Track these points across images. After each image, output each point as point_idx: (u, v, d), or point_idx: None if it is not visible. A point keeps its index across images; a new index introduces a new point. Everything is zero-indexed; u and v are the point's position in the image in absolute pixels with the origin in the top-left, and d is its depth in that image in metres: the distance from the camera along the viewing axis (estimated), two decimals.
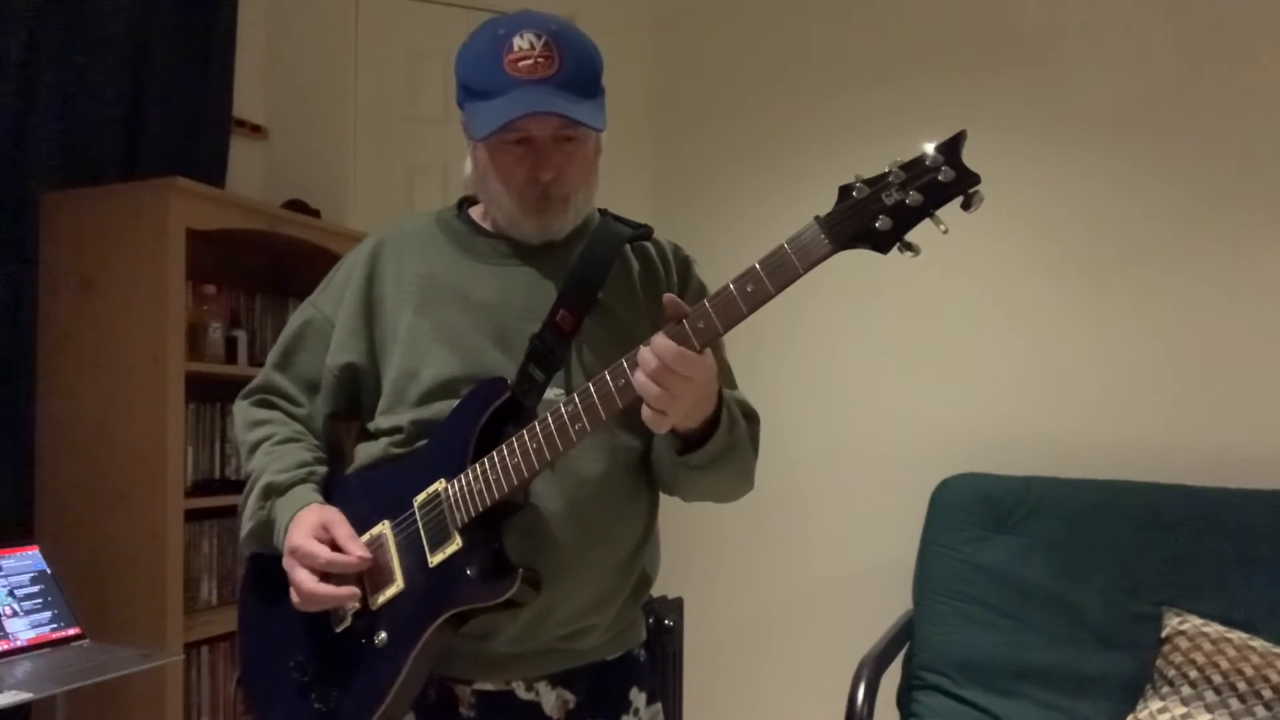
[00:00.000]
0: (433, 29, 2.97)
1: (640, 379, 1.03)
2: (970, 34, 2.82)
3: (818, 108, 3.00)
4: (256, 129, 2.95)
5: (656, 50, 3.27)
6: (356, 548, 1.15)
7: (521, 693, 1.21)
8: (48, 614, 2.00)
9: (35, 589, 2.01)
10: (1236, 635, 2.12)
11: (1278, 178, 2.48)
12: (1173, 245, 2.57)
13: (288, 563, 1.16)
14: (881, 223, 0.96)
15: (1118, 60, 2.65)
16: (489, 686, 1.21)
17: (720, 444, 1.15)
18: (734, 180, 3.11)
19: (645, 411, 1.04)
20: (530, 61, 1.15)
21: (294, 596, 1.15)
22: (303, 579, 1.13)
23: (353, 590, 1.14)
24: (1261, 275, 2.49)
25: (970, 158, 0.96)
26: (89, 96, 2.41)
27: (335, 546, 1.15)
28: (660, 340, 1.02)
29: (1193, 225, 2.56)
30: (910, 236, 0.97)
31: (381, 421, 1.24)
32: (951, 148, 0.95)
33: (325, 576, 1.14)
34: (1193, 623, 2.17)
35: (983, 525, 2.49)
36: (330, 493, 1.24)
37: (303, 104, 2.98)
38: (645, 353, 1.03)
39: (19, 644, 1.92)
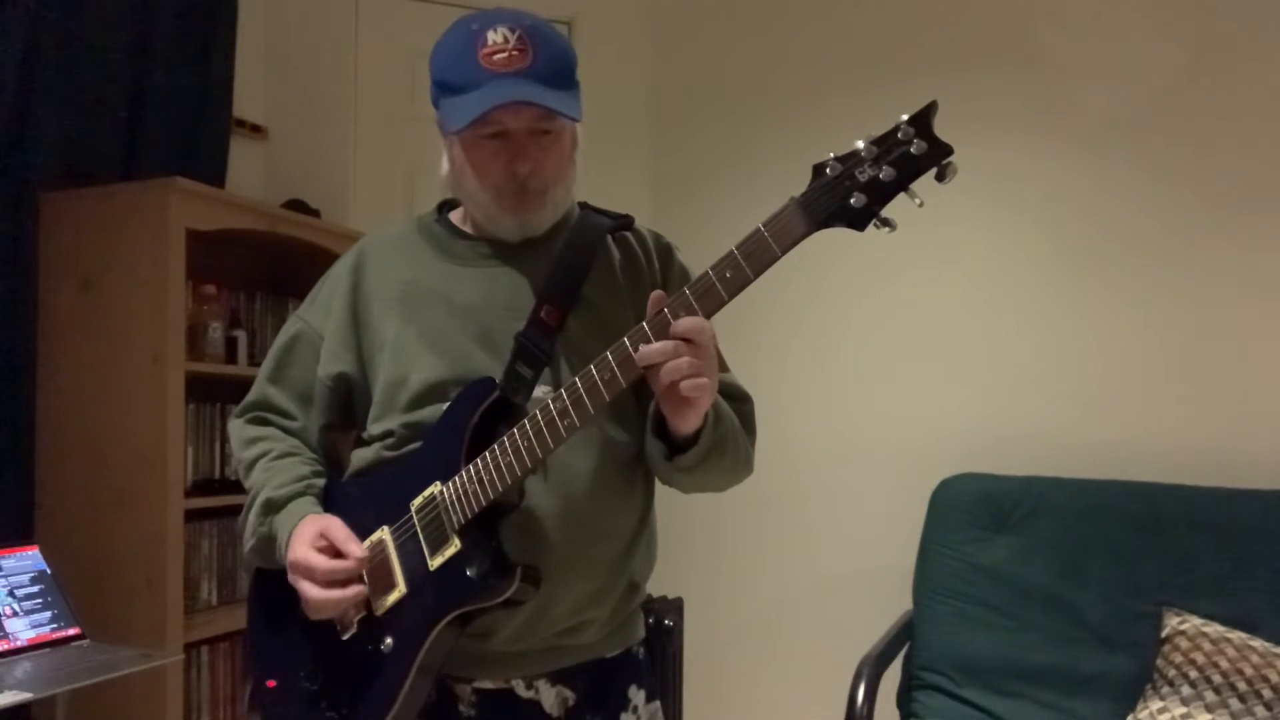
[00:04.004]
0: (433, 29, 2.93)
1: (682, 368, 1.01)
2: (971, 32, 2.82)
3: (818, 107, 3.00)
4: (256, 129, 2.95)
5: (656, 50, 3.27)
6: (355, 548, 1.15)
7: (521, 691, 1.21)
8: (48, 614, 2.00)
9: (35, 589, 2.01)
10: (1236, 635, 2.12)
11: (1277, 177, 2.48)
12: (1173, 245, 2.57)
13: (292, 576, 1.16)
14: (856, 199, 0.96)
15: (1116, 59, 2.65)
16: (489, 685, 1.21)
17: (706, 444, 1.15)
18: (734, 180, 3.11)
19: (686, 385, 1.02)
20: (505, 54, 1.15)
21: (304, 607, 1.16)
22: (307, 589, 1.14)
23: (358, 590, 1.14)
24: (1262, 275, 2.48)
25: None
26: (89, 96, 2.41)
27: (335, 551, 1.15)
28: (688, 322, 1.01)
29: (1193, 225, 2.56)
30: (887, 212, 0.97)
31: (373, 428, 1.25)
32: (923, 120, 0.95)
33: (330, 582, 1.14)
34: (1193, 623, 2.17)
35: (983, 525, 2.49)
36: (328, 502, 1.25)
37: (303, 104, 2.98)
38: (654, 347, 1.02)
39: (19, 644, 1.92)
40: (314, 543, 1.16)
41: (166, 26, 2.59)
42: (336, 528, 1.17)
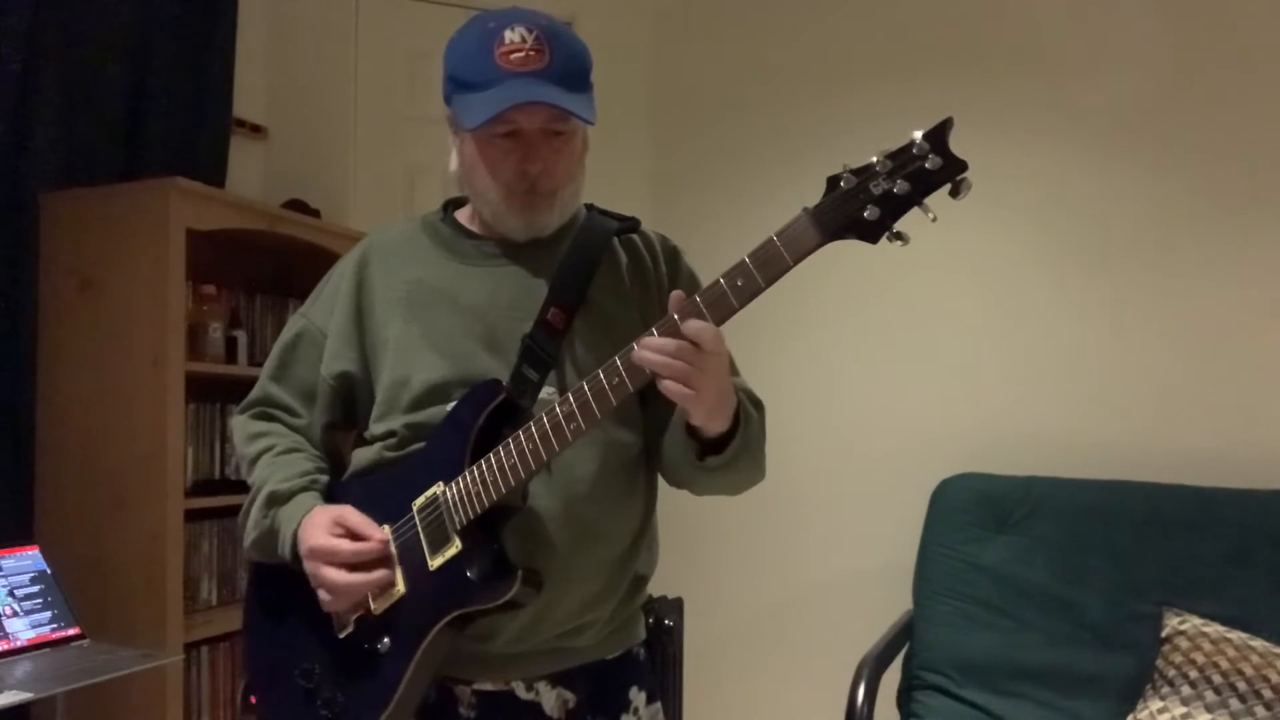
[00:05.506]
0: (433, 29, 2.95)
1: (662, 361, 1.01)
2: (971, 32, 2.82)
3: (818, 107, 3.00)
4: (256, 129, 2.95)
5: (656, 50, 3.26)
6: (375, 531, 1.15)
7: (521, 692, 1.21)
8: (48, 614, 2.00)
9: (35, 589, 2.01)
10: (1236, 635, 2.12)
11: (1278, 175, 2.48)
12: (1174, 244, 2.57)
13: (310, 565, 1.16)
14: (870, 212, 0.97)
15: (1117, 58, 2.65)
16: (489, 686, 1.21)
17: (737, 446, 1.15)
18: (734, 180, 3.11)
19: (671, 387, 1.03)
20: (522, 54, 1.15)
21: (324, 596, 1.15)
22: (330, 574, 1.13)
23: (384, 573, 1.14)
24: (1262, 275, 2.48)
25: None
26: (89, 96, 2.41)
27: (353, 536, 1.15)
28: (697, 325, 1.01)
29: (1193, 224, 2.56)
30: (900, 225, 0.97)
31: (375, 428, 1.25)
32: (938, 135, 0.95)
33: (354, 566, 1.14)
34: (1193, 623, 2.17)
35: (983, 525, 2.49)
36: (329, 501, 1.24)
37: (303, 104, 2.98)
38: (657, 340, 1.02)
39: (19, 644, 1.92)
40: (331, 530, 1.15)
41: (166, 26, 2.59)
42: (351, 514, 1.17)
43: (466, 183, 1.26)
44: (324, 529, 1.16)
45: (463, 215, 1.33)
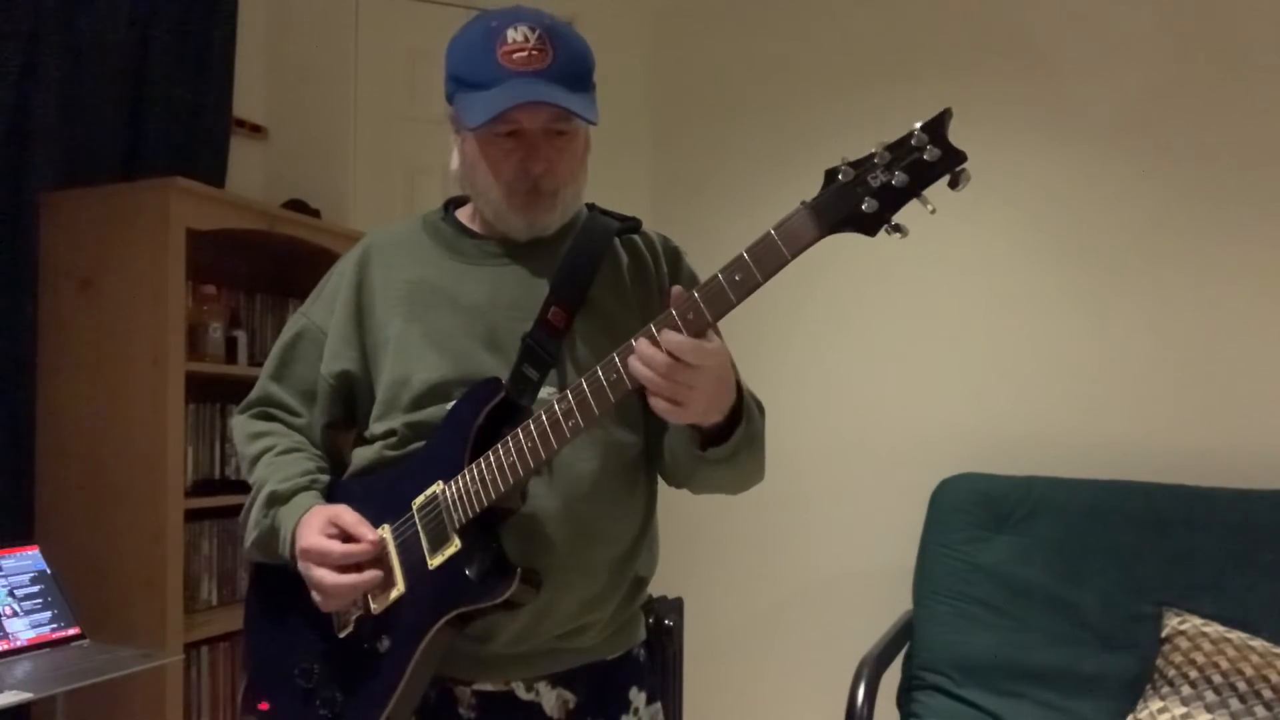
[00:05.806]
0: (433, 29, 2.96)
1: (650, 376, 1.01)
2: (971, 31, 2.82)
3: (818, 106, 3.00)
4: (256, 129, 2.95)
5: (656, 50, 3.27)
6: (367, 531, 1.15)
7: (521, 693, 1.21)
8: (48, 614, 2.00)
9: (35, 589, 2.01)
10: (1236, 635, 2.12)
11: (1277, 175, 2.48)
12: (1174, 245, 2.57)
13: (302, 566, 1.16)
14: (868, 205, 0.95)
15: (1117, 57, 2.65)
16: (489, 687, 1.21)
17: (741, 438, 1.14)
18: (734, 179, 3.11)
19: (658, 404, 1.02)
20: (525, 53, 1.15)
21: (316, 597, 1.15)
22: (322, 575, 1.13)
23: (374, 575, 1.14)
24: (1262, 274, 2.49)
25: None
26: (89, 96, 2.41)
27: (346, 536, 1.15)
28: (672, 336, 1.00)
29: (1194, 224, 2.56)
30: (898, 218, 0.96)
31: (375, 427, 1.25)
32: (937, 126, 0.94)
33: (345, 567, 1.14)
34: (1193, 623, 2.17)
35: (983, 525, 2.49)
36: (331, 499, 1.25)
37: (303, 104, 2.98)
38: (649, 349, 1.01)
39: (19, 644, 1.92)
40: (324, 530, 1.15)
41: (167, 26, 2.59)
42: (346, 514, 1.17)
43: (468, 182, 1.25)
44: (317, 529, 1.16)
45: (464, 214, 1.33)
